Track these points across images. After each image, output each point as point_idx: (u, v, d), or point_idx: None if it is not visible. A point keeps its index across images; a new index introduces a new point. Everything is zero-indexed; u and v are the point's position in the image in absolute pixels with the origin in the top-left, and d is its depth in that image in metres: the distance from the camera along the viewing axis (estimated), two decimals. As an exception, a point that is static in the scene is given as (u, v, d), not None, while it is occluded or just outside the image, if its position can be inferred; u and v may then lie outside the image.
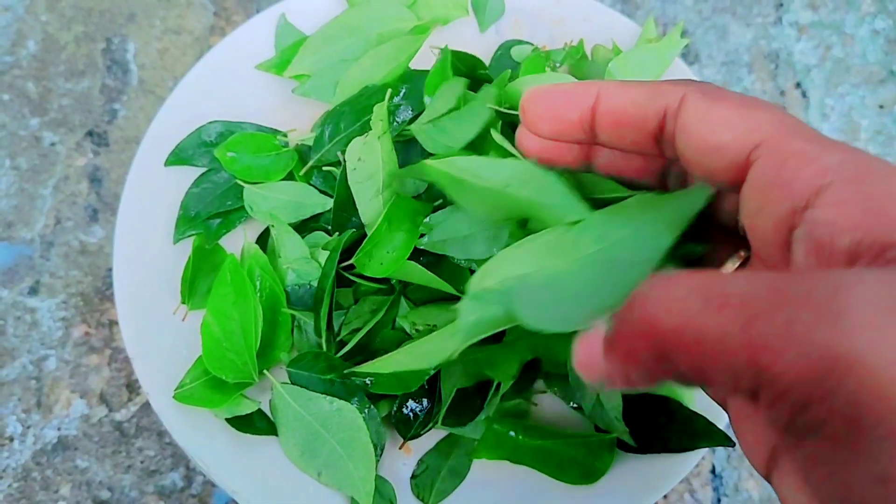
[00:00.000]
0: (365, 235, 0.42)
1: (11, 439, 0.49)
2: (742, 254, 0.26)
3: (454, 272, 0.41)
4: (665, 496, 0.50)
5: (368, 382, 0.42)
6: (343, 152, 0.44)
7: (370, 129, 0.43)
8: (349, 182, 0.42)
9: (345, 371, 0.41)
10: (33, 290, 0.52)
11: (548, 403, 0.46)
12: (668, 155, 0.27)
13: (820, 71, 0.61)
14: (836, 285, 0.16)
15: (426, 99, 0.44)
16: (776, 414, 0.17)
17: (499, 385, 0.43)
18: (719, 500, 0.50)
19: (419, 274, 0.40)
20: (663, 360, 0.19)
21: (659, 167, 0.30)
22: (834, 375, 0.15)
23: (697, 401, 0.43)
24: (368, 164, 0.41)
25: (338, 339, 0.43)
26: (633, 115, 0.26)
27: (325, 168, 0.46)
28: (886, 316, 0.15)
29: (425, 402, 0.43)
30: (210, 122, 0.48)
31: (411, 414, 0.43)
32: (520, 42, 0.50)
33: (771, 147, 0.23)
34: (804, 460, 0.18)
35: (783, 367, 0.16)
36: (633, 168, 0.30)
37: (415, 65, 0.48)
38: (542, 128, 0.28)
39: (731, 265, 0.26)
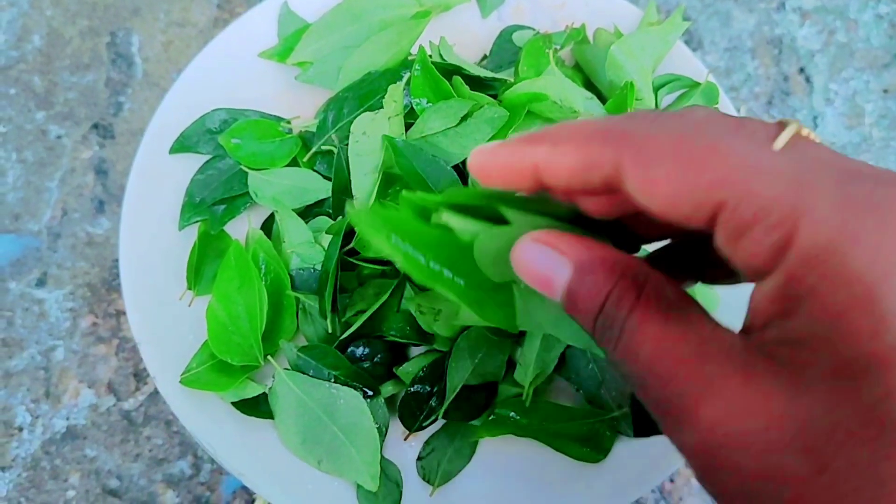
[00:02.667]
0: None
1: (21, 429, 0.49)
2: None
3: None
4: (672, 479, 0.50)
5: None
6: (341, 139, 0.44)
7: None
8: (350, 154, 0.42)
9: None
10: (41, 282, 0.52)
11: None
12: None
13: (824, 56, 0.60)
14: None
15: (414, 100, 0.44)
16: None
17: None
18: (727, 484, 0.50)
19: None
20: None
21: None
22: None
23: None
24: (372, 139, 0.41)
25: (343, 321, 0.43)
26: (577, 183, 0.24)
27: (325, 147, 0.46)
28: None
29: (433, 388, 0.44)
30: (214, 110, 0.48)
31: (420, 397, 0.43)
32: (521, 27, 0.50)
33: (731, 211, 0.21)
34: None
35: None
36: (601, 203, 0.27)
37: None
38: (495, 183, 0.27)
39: None
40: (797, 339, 0.20)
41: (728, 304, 0.42)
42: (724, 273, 0.27)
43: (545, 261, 0.25)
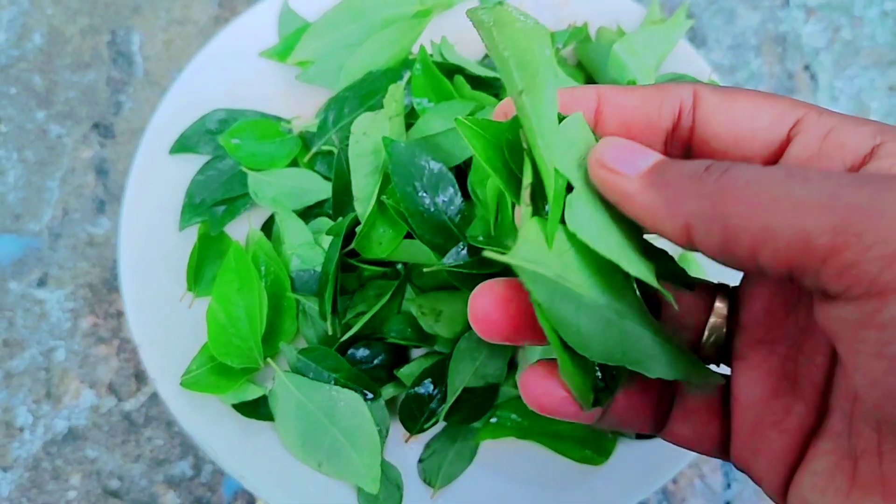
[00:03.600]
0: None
1: (22, 430, 0.49)
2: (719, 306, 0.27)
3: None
4: (675, 480, 0.49)
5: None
6: (342, 140, 0.44)
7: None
8: (350, 154, 0.42)
9: None
10: (41, 282, 0.52)
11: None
12: (674, 155, 0.26)
13: (829, 53, 0.60)
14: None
15: (414, 100, 0.44)
16: (852, 277, 0.18)
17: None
18: (729, 485, 0.49)
19: (420, 252, 0.40)
20: (720, 221, 0.20)
21: None
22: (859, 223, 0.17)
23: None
24: (373, 140, 0.41)
25: (343, 322, 0.43)
26: (644, 114, 0.25)
27: (325, 148, 0.46)
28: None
29: (434, 390, 0.43)
30: (214, 111, 0.48)
31: (421, 400, 0.43)
32: (524, 26, 0.50)
33: (810, 122, 0.23)
34: (882, 339, 0.18)
35: (871, 225, 0.18)
36: None
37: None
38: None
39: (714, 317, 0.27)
40: None
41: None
42: None
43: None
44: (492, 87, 0.46)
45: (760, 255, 0.19)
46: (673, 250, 0.26)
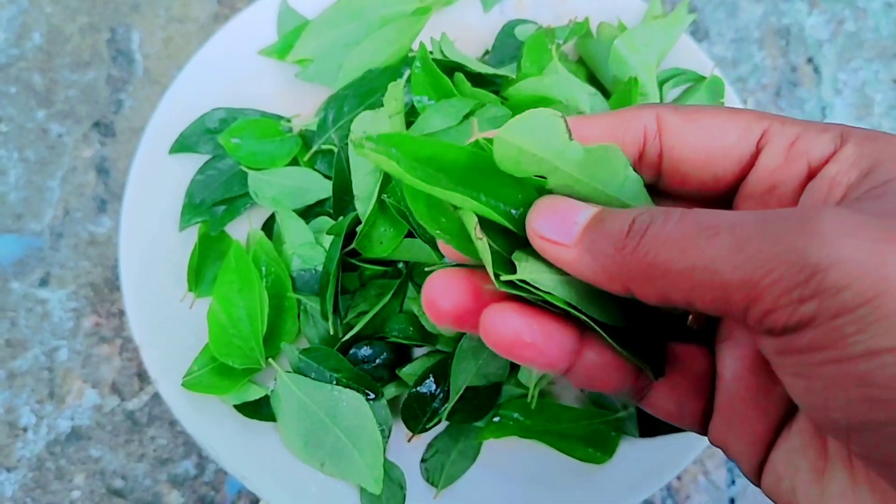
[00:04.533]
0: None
1: (25, 430, 0.49)
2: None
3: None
4: (679, 477, 0.49)
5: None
6: (342, 138, 0.43)
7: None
8: (350, 153, 0.42)
9: None
10: (44, 282, 0.52)
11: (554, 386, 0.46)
12: (647, 178, 0.27)
13: (832, 46, 0.59)
14: (813, 213, 0.19)
15: (414, 97, 0.44)
16: (770, 322, 0.19)
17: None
18: (733, 482, 0.49)
19: (421, 251, 0.40)
20: (651, 283, 0.22)
21: None
22: (818, 275, 0.18)
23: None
24: (372, 138, 0.41)
25: (344, 322, 0.43)
26: (611, 141, 0.26)
27: (325, 146, 0.46)
28: (848, 230, 0.19)
29: (436, 389, 0.43)
30: (213, 110, 0.47)
31: (423, 399, 0.43)
32: (524, 22, 0.50)
33: (775, 132, 0.24)
34: (797, 363, 0.20)
35: (776, 277, 0.19)
36: None
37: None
38: None
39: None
40: None
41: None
42: None
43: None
44: (492, 85, 0.46)
45: (696, 306, 0.21)
46: None
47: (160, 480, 0.49)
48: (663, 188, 0.27)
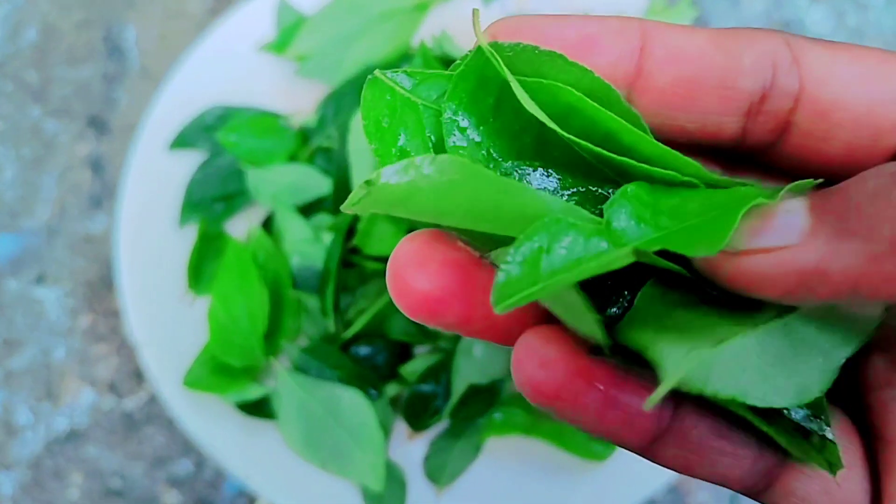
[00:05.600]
0: (367, 215, 0.41)
1: (23, 429, 0.49)
2: None
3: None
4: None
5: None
6: (341, 134, 0.43)
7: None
8: (349, 149, 0.41)
9: None
10: (40, 280, 0.51)
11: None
12: (752, 142, 0.18)
13: (834, 40, 0.59)
14: None
15: None
16: None
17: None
18: (736, 478, 0.49)
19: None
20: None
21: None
22: None
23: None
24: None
25: (345, 319, 0.42)
26: (718, 68, 0.17)
27: (324, 143, 0.46)
28: None
29: (437, 386, 0.43)
30: (212, 107, 0.47)
31: (424, 397, 0.43)
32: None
33: None
34: None
35: None
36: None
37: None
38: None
39: None
40: None
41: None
42: None
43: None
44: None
45: None
46: None
47: (159, 479, 0.48)
48: (776, 155, 0.19)
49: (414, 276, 0.17)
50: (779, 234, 0.15)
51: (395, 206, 0.17)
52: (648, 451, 0.18)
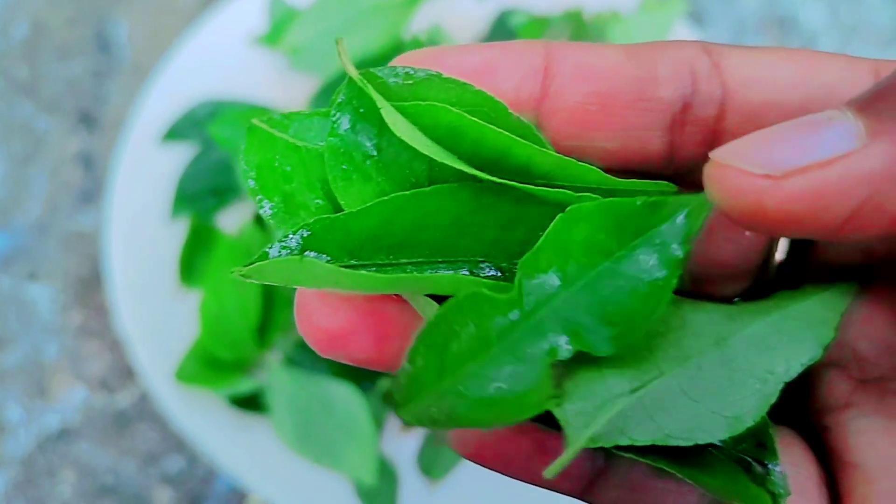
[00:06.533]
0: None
1: (15, 427, 0.49)
2: None
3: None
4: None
5: None
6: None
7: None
8: None
9: None
10: (31, 277, 0.51)
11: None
12: (684, 158, 0.17)
13: (828, 36, 0.59)
14: None
15: None
16: None
17: None
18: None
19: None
20: None
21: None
22: None
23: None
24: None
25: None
26: (632, 79, 0.16)
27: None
28: None
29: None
30: (204, 102, 0.47)
31: None
32: (517, 11, 0.49)
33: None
34: None
35: None
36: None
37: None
38: None
39: None
40: None
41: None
42: None
43: None
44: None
45: None
46: None
47: (151, 476, 0.48)
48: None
49: (319, 313, 0.17)
50: (831, 143, 0.13)
51: (286, 280, 0.17)
52: (588, 493, 0.17)
